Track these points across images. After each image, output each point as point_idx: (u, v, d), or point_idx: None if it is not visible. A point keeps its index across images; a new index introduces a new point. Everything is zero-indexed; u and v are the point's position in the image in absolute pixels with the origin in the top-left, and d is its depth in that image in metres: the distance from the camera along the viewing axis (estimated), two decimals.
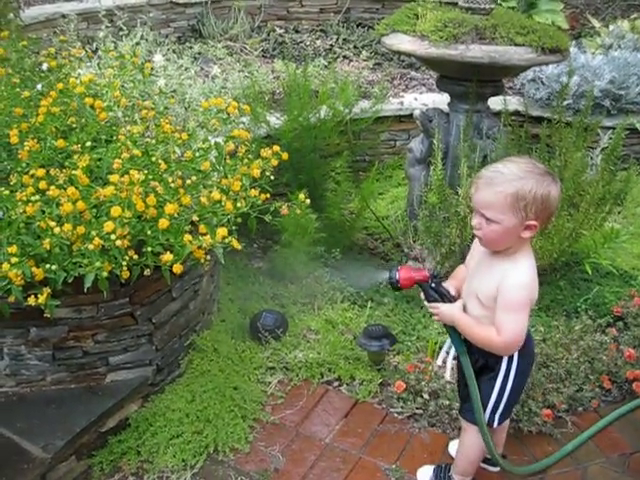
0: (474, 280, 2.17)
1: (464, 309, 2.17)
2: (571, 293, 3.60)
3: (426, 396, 2.89)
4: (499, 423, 2.30)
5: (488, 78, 3.63)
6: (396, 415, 2.89)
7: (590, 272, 3.56)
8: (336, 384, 3.05)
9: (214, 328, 3.17)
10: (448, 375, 2.47)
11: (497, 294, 2.03)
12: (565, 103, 4.59)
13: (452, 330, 2.20)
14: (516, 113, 4.84)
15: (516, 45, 3.32)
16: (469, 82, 3.59)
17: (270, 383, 3.02)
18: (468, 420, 2.33)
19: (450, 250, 3.54)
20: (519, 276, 2.03)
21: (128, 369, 2.76)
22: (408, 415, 2.89)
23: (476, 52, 3.30)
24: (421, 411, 2.89)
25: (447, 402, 2.84)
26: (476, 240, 2.19)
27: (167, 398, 2.82)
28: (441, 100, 4.80)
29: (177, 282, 2.78)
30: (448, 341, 2.37)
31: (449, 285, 2.24)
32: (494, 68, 3.41)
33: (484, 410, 2.24)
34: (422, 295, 2.22)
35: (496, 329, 2.04)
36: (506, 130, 3.77)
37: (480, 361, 2.23)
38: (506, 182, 1.94)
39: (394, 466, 2.64)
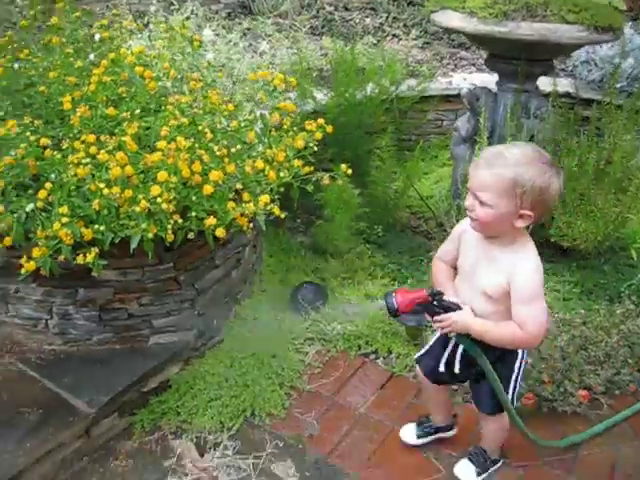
0: (476, 277, 2.05)
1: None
2: (615, 278, 3.56)
3: None
4: (517, 401, 2.29)
5: (538, 57, 3.59)
6: None
7: (635, 257, 3.51)
8: (373, 357, 3.09)
9: (255, 297, 3.24)
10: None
11: (508, 287, 1.95)
12: (618, 85, 4.51)
13: (463, 337, 2.09)
14: (566, 95, 4.77)
15: (567, 23, 3.27)
16: (518, 61, 3.55)
17: (308, 353, 3.07)
18: (488, 413, 2.30)
19: None
20: (529, 264, 1.95)
21: (171, 332, 2.84)
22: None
23: (526, 29, 3.27)
24: (456, 386, 2.91)
25: None
26: (466, 234, 2.10)
27: (207, 362, 2.90)
28: (490, 80, 4.74)
29: (220, 250, 2.85)
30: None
31: (453, 297, 2.10)
32: (544, 46, 3.37)
33: (502, 395, 2.19)
34: (426, 315, 2.11)
35: (518, 324, 1.95)
36: (554, 111, 3.73)
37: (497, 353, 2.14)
38: (506, 166, 1.85)
39: None
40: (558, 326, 3.16)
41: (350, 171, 2.53)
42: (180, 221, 2.28)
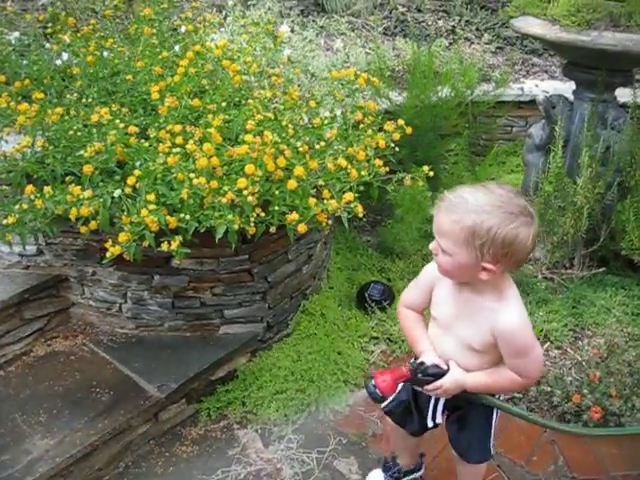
0: (459, 330, 1.85)
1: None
2: None
3: None
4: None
5: (618, 67, 3.52)
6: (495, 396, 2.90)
7: None
8: None
9: (323, 294, 3.27)
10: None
11: (495, 340, 1.76)
12: None
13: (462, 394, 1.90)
14: None
15: None
16: (598, 70, 3.50)
17: (373, 352, 3.08)
18: (475, 461, 2.13)
19: (562, 240, 3.50)
20: (513, 315, 1.74)
21: (241, 323, 2.89)
22: (507, 398, 2.88)
23: (609, 40, 3.22)
24: (521, 395, 2.88)
25: (549, 389, 2.83)
26: (441, 282, 1.88)
27: (274, 355, 2.94)
28: (563, 88, 4.70)
29: (294, 245, 2.88)
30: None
31: (433, 357, 1.89)
32: (626, 57, 3.30)
33: (489, 440, 2.08)
34: (416, 387, 1.96)
35: (517, 373, 1.78)
36: (632, 122, 3.66)
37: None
38: (466, 212, 1.63)
39: None
40: (626, 341, 3.11)
41: (432, 173, 2.53)
42: (262, 214, 2.31)
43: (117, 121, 2.50)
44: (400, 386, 2.02)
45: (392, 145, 2.59)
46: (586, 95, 3.66)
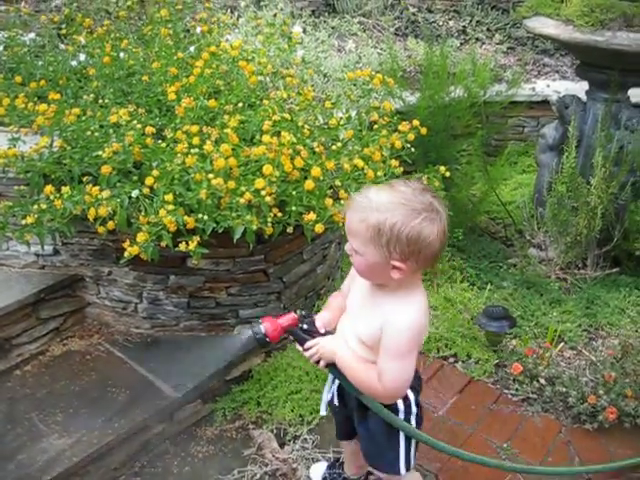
0: (358, 320, 1.84)
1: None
2: None
3: (542, 381, 2.88)
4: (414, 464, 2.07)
5: (632, 67, 3.51)
6: (510, 396, 2.90)
7: None
8: (452, 360, 3.08)
9: None
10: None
11: (381, 335, 1.74)
12: None
13: (335, 369, 1.87)
14: None
15: None
16: (611, 70, 3.49)
17: None
18: (382, 471, 2.09)
19: (576, 240, 3.49)
20: (405, 318, 1.71)
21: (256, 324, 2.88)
22: (522, 398, 2.89)
23: (623, 40, 3.22)
24: (536, 396, 2.88)
25: (564, 389, 2.82)
26: (358, 278, 1.85)
27: (289, 355, 2.94)
28: (574, 88, 4.70)
29: (309, 245, 2.89)
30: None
31: (322, 320, 1.92)
32: None
33: (399, 463, 2.00)
34: (296, 344, 1.93)
35: (378, 374, 1.75)
36: None
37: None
38: (370, 211, 1.64)
39: (505, 445, 2.65)
40: None
41: (448, 174, 2.53)
42: (279, 215, 2.31)
43: (134, 122, 2.51)
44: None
45: (408, 146, 2.59)
46: (599, 95, 3.65)
